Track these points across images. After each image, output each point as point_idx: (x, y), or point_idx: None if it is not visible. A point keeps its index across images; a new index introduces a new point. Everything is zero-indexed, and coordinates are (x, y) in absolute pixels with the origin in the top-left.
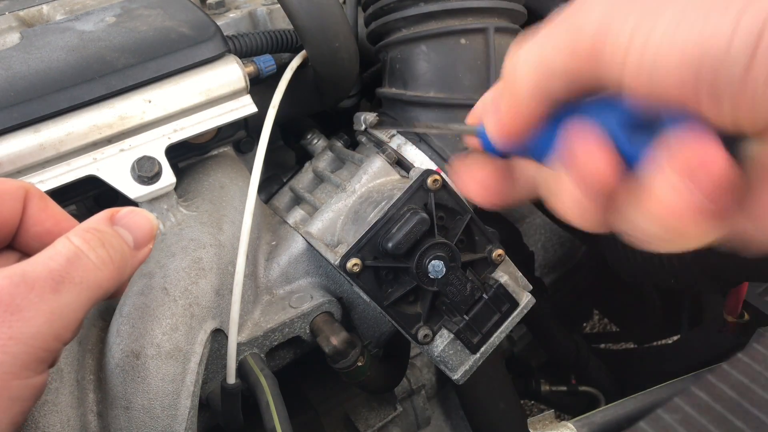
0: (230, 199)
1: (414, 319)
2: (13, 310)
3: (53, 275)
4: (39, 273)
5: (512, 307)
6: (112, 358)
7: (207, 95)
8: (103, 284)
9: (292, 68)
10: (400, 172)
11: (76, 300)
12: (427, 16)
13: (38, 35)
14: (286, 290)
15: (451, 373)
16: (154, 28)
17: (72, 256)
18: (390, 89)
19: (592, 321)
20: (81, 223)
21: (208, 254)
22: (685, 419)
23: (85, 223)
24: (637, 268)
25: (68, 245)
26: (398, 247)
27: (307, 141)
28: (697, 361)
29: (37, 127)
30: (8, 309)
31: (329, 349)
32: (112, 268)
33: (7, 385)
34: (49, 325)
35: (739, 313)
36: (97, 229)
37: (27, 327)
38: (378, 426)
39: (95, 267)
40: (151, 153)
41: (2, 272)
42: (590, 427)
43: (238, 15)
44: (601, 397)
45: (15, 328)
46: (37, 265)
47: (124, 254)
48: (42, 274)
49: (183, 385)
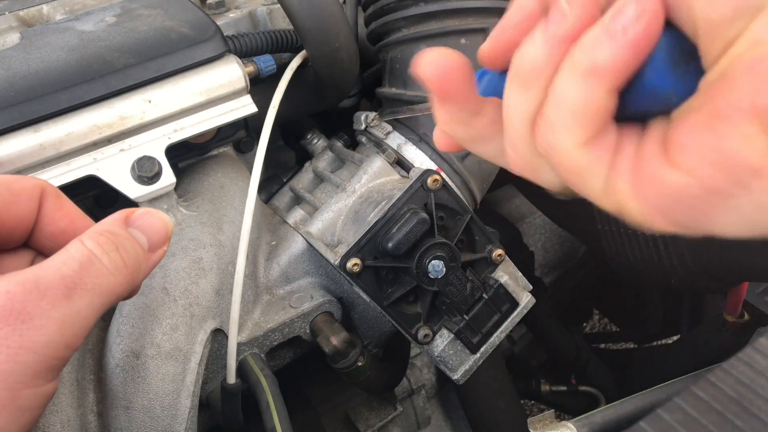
0: (230, 199)
1: (414, 319)
2: (24, 318)
3: (66, 281)
4: (51, 279)
5: (512, 307)
6: (112, 358)
7: (207, 95)
8: (116, 290)
9: (292, 68)
10: (400, 172)
11: (87, 307)
12: (427, 16)
13: (38, 35)
14: (286, 290)
15: (451, 373)
16: (154, 28)
17: (85, 260)
18: (390, 89)
19: (592, 321)
20: (95, 225)
21: (208, 254)
22: (685, 419)
23: (99, 224)
24: (637, 268)
25: (81, 249)
26: (398, 247)
27: (307, 141)
28: (697, 361)
29: (37, 127)
30: (19, 317)
31: (329, 349)
32: (125, 272)
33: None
34: (61, 333)
35: (739, 313)
36: (112, 232)
37: (38, 336)
38: (378, 426)
39: (108, 272)
40: (151, 153)
41: (14, 278)
42: (590, 427)
43: (238, 15)
44: (601, 397)
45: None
46: (50, 270)
47: (138, 258)
48: (54, 280)
49: (183, 385)
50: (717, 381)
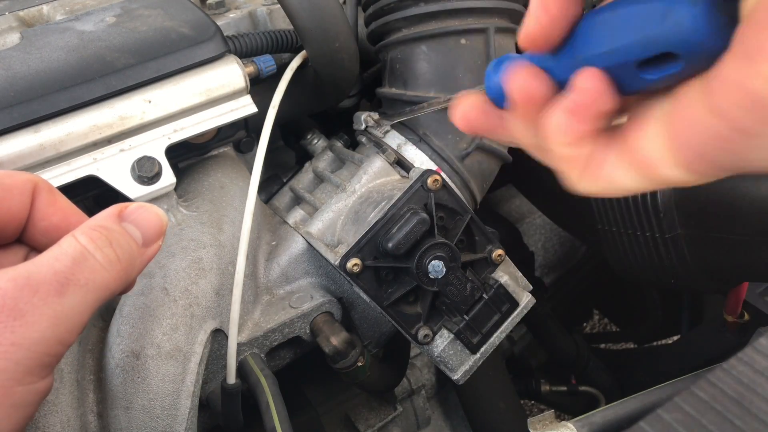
0: (230, 199)
1: (414, 319)
2: (16, 314)
3: (58, 277)
4: (44, 275)
5: (512, 307)
6: (112, 358)
7: (207, 95)
8: (109, 285)
9: (292, 68)
10: (400, 172)
11: (81, 302)
12: (428, 16)
13: (38, 35)
14: (286, 290)
15: (451, 373)
16: (154, 28)
17: (78, 256)
18: (390, 89)
19: (592, 321)
20: (88, 220)
21: (208, 254)
22: (685, 419)
23: (92, 219)
24: (637, 268)
25: (74, 244)
26: (398, 247)
27: (307, 141)
28: (697, 361)
29: (37, 127)
30: (11, 314)
31: (329, 349)
32: (119, 268)
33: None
34: (53, 329)
35: (739, 313)
36: (105, 227)
37: (30, 332)
38: (378, 426)
39: (102, 267)
40: (151, 153)
41: (6, 274)
42: (590, 427)
43: (238, 15)
44: (601, 397)
45: (18, 334)
46: (42, 266)
47: (131, 253)
48: (47, 276)
49: (183, 385)
50: (717, 381)
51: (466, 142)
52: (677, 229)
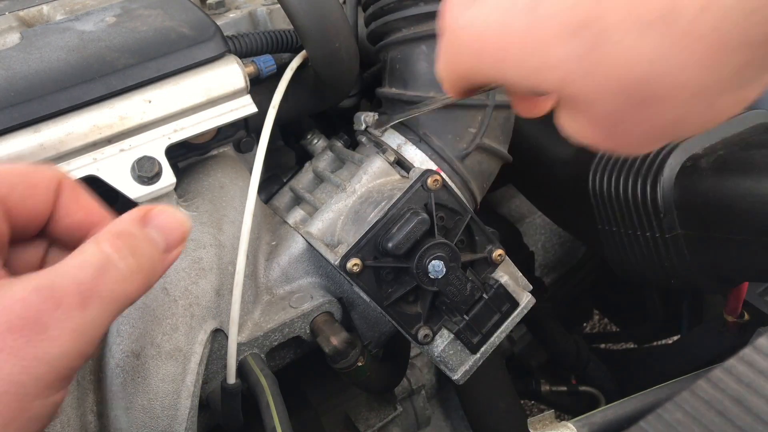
0: (230, 199)
1: (414, 319)
2: (39, 329)
3: (81, 289)
4: (67, 287)
5: (512, 307)
6: (112, 358)
7: (207, 95)
8: (130, 295)
9: (292, 68)
10: (400, 172)
11: (102, 315)
12: (427, 16)
13: (38, 35)
14: (286, 290)
15: (451, 373)
16: (154, 28)
17: (101, 266)
18: (390, 89)
19: (592, 321)
20: (111, 224)
21: (208, 254)
22: (685, 419)
23: (116, 223)
24: (637, 268)
25: (97, 253)
26: (398, 247)
27: (307, 141)
28: (697, 361)
29: (37, 127)
30: (34, 328)
31: (329, 349)
32: (140, 277)
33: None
34: (74, 343)
35: (739, 313)
36: (129, 233)
37: (52, 347)
38: (378, 426)
39: (124, 278)
40: (151, 153)
41: (30, 283)
42: (590, 427)
43: (238, 15)
44: (601, 397)
45: (40, 348)
46: (66, 276)
47: (153, 261)
48: (70, 287)
49: (183, 385)
50: (717, 381)
51: (466, 142)
52: (677, 229)
